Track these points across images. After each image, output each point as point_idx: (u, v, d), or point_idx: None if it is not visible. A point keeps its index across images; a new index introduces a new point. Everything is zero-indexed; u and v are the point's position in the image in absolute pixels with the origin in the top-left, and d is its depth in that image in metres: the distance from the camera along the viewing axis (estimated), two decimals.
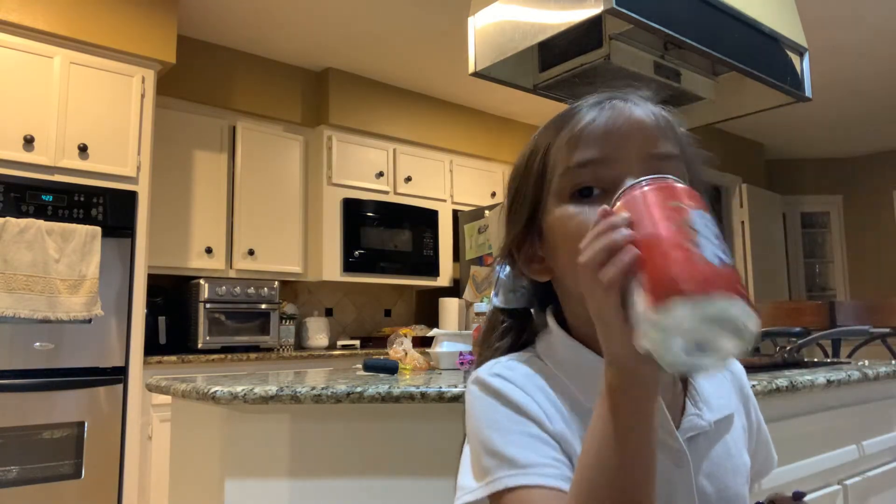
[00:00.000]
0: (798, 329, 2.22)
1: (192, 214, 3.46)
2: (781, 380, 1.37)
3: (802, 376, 1.44)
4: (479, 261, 3.47)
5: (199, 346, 3.26)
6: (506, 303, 0.71)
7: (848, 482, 1.59)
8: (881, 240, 5.94)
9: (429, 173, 4.38)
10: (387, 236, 4.08)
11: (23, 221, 2.55)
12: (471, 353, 1.79)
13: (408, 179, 4.24)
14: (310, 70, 4.03)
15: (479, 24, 2.09)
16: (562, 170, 0.61)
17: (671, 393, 0.63)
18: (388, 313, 4.53)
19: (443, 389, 1.25)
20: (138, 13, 2.98)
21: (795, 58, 2.23)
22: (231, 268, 3.57)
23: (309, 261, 3.89)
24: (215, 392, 1.27)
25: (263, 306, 3.50)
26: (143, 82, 2.97)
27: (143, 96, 2.96)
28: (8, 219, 2.52)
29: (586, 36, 2.05)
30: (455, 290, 4.07)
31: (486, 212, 3.50)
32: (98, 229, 2.72)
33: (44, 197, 2.66)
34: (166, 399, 2.13)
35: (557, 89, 2.29)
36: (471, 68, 2.10)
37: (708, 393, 0.66)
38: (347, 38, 3.64)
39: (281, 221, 3.79)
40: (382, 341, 3.72)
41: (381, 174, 4.13)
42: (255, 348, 3.45)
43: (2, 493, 2.44)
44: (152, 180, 2.99)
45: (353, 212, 3.94)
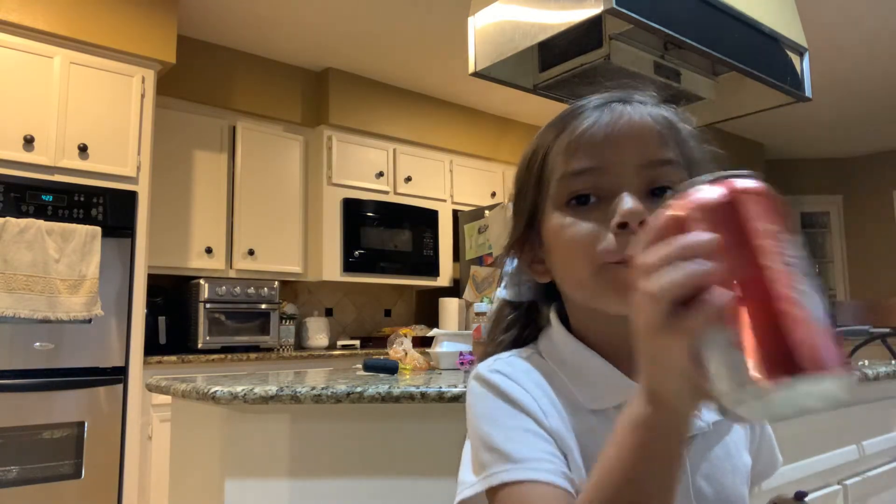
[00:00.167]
0: None
1: (192, 214, 3.46)
2: None
3: None
4: (479, 261, 3.47)
5: (199, 346, 3.26)
6: (512, 296, 0.71)
7: (848, 482, 1.59)
8: (881, 240, 5.94)
9: (429, 173, 4.38)
10: (387, 236, 4.08)
11: (23, 221, 2.55)
12: (471, 352, 1.80)
13: (408, 179, 4.24)
14: (310, 70, 4.03)
15: (479, 24, 2.09)
16: (559, 176, 0.60)
17: None
18: (388, 313, 4.53)
19: (443, 389, 1.25)
20: (138, 13, 2.98)
21: (795, 58, 2.23)
22: (231, 268, 3.57)
23: (309, 261, 3.88)
24: (215, 392, 1.27)
25: (263, 306, 3.50)
26: (143, 82, 2.97)
27: (143, 96, 2.96)
28: (8, 219, 2.52)
29: (586, 36, 2.05)
30: (455, 290, 4.07)
31: (486, 212, 3.50)
32: (98, 229, 2.71)
33: (44, 197, 2.66)
34: (166, 399, 2.13)
35: (557, 89, 2.29)
36: (471, 68, 2.10)
37: None
38: (347, 38, 3.63)
39: (281, 221, 3.79)
40: (382, 341, 3.72)
41: (381, 174, 4.13)
42: (255, 348, 3.45)
43: (2, 493, 2.44)
44: (152, 180, 2.99)
45: (353, 212, 3.94)
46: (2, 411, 2.48)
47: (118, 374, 2.77)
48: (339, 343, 3.93)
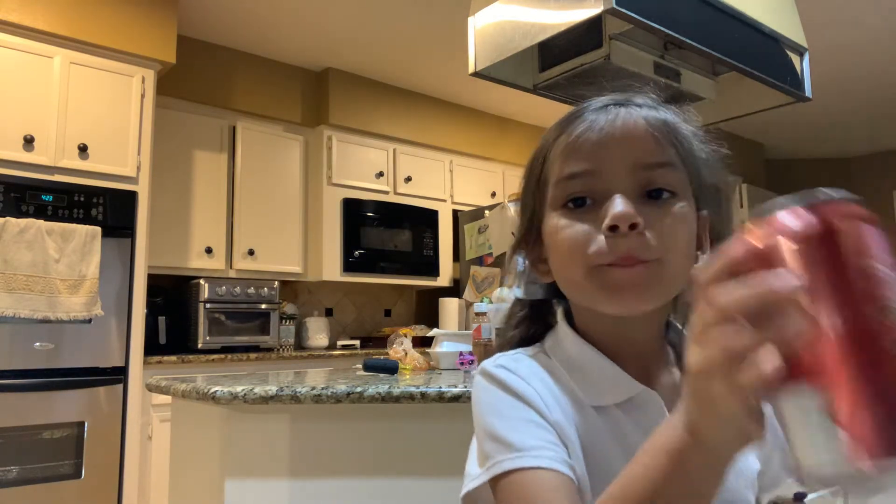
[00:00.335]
0: None
1: (192, 214, 3.46)
2: None
3: None
4: (479, 261, 3.47)
5: (199, 346, 3.26)
6: (524, 294, 0.73)
7: None
8: None
9: (429, 173, 4.38)
10: (387, 236, 4.08)
11: (23, 221, 2.55)
12: (471, 352, 1.80)
13: (408, 179, 4.24)
14: (310, 70, 4.03)
15: (479, 24, 2.09)
16: (556, 178, 0.61)
17: (672, 390, 0.63)
18: (388, 313, 4.53)
19: (443, 389, 1.25)
20: (138, 13, 2.98)
21: (795, 58, 2.23)
22: (231, 268, 3.57)
23: (309, 261, 3.88)
24: (215, 392, 1.27)
25: (263, 306, 3.50)
26: (143, 82, 2.97)
27: (143, 96, 2.96)
28: (8, 219, 2.52)
29: (586, 36, 2.05)
30: (455, 290, 4.07)
31: (486, 212, 3.50)
32: (98, 229, 2.71)
33: (44, 197, 2.66)
34: (166, 399, 2.13)
35: (557, 89, 2.29)
36: (471, 68, 2.10)
37: None
38: (347, 38, 3.63)
39: (281, 221, 3.79)
40: (382, 341, 3.72)
41: (381, 174, 4.13)
42: (255, 348, 3.45)
43: (2, 493, 2.44)
44: (152, 180, 2.99)
45: (353, 212, 3.94)
46: (2, 411, 2.48)
47: (118, 374, 2.77)
48: (339, 343, 3.93)
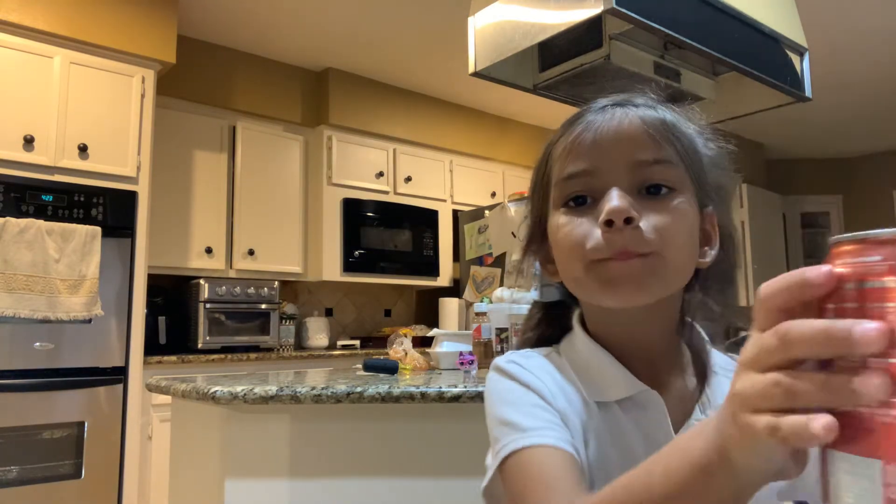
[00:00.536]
0: None
1: (192, 214, 3.46)
2: None
3: None
4: (479, 261, 3.47)
5: (199, 346, 3.26)
6: (541, 296, 0.74)
7: None
8: None
9: (429, 173, 4.38)
10: (387, 236, 4.08)
11: (23, 221, 2.55)
12: (471, 352, 1.80)
13: (408, 179, 4.24)
14: (310, 70, 4.03)
15: (479, 24, 2.09)
16: (556, 179, 0.63)
17: (681, 393, 0.62)
18: (388, 313, 4.53)
19: (443, 389, 1.25)
20: (138, 13, 2.98)
21: (795, 58, 2.23)
22: (231, 268, 3.57)
23: (309, 261, 3.88)
24: (215, 392, 1.27)
25: (263, 306, 3.50)
26: (143, 82, 2.97)
27: (143, 96, 2.96)
28: (8, 219, 2.52)
29: (586, 36, 2.05)
30: (455, 290, 4.07)
31: (486, 212, 3.50)
32: (98, 229, 2.71)
33: (44, 197, 2.66)
34: (166, 399, 2.13)
35: (557, 89, 2.29)
36: (471, 68, 2.10)
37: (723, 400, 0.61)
38: (347, 38, 3.63)
39: (281, 221, 3.79)
40: (382, 341, 3.72)
41: (381, 174, 4.13)
42: (255, 348, 3.45)
43: (2, 493, 2.44)
44: (152, 180, 2.99)
45: (353, 212, 3.94)
46: (2, 411, 2.48)
47: (118, 374, 2.77)
48: (339, 343, 3.93)
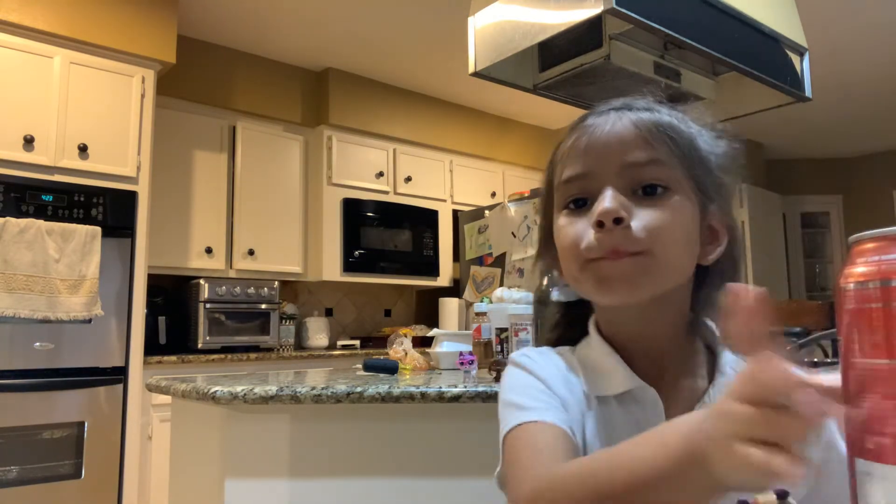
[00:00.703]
0: (798, 329, 2.22)
1: (192, 214, 3.46)
2: None
3: None
4: (479, 261, 3.47)
5: (199, 346, 3.26)
6: (561, 297, 0.75)
7: None
8: None
9: (429, 173, 4.37)
10: (387, 236, 4.08)
11: (23, 221, 2.55)
12: (471, 353, 1.79)
13: (408, 179, 4.24)
14: (310, 70, 4.03)
15: (479, 24, 2.09)
16: (557, 183, 0.66)
17: (689, 392, 0.62)
18: (388, 313, 4.53)
19: (443, 389, 1.25)
20: (138, 13, 2.98)
21: (795, 58, 2.23)
22: (231, 268, 3.57)
23: (309, 261, 3.88)
24: (215, 392, 1.27)
25: (263, 306, 3.50)
26: (143, 82, 2.97)
27: (143, 96, 2.96)
28: (8, 219, 2.52)
29: (586, 36, 2.05)
30: (455, 290, 4.07)
31: (486, 212, 3.50)
32: (98, 229, 2.71)
33: (44, 197, 2.66)
34: (166, 399, 2.13)
35: (557, 89, 2.29)
36: (471, 68, 2.10)
37: None
38: (347, 38, 3.63)
39: (281, 221, 3.79)
40: (382, 341, 3.72)
41: (381, 174, 4.13)
42: (255, 348, 3.45)
43: (2, 493, 2.44)
44: (152, 180, 2.99)
45: (353, 212, 3.94)
46: (2, 411, 2.48)
47: (118, 374, 2.77)
48: (339, 343, 3.93)
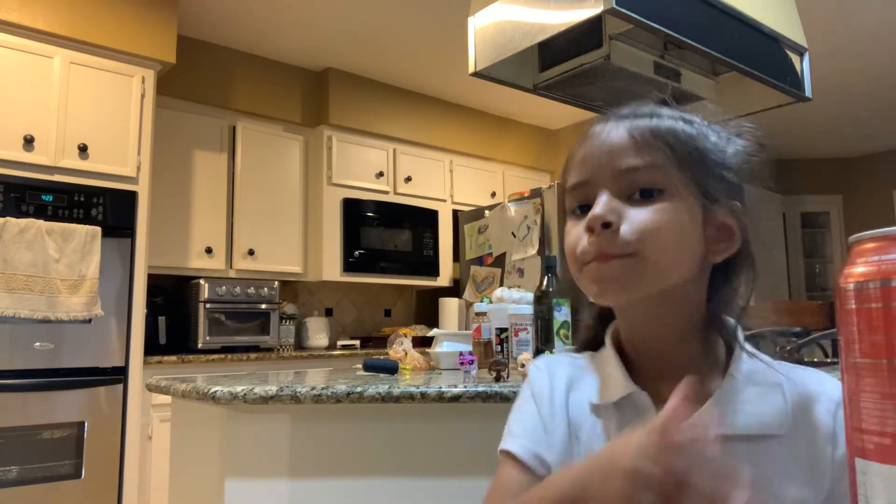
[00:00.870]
0: (798, 329, 2.21)
1: (192, 214, 3.46)
2: None
3: None
4: (479, 261, 3.47)
5: (199, 346, 3.26)
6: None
7: None
8: None
9: (429, 173, 4.37)
10: (387, 236, 4.08)
11: (23, 221, 2.55)
12: (471, 353, 1.79)
13: (408, 179, 4.24)
14: (310, 70, 4.03)
15: (479, 24, 2.09)
16: (564, 190, 0.69)
17: (695, 396, 0.61)
18: (388, 313, 4.53)
19: (443, 389, 1.25)
20: (138, 13, 2.98)
21: (795, 58, 2.23)
22: (231, 268, 3.57)
23: (309, 261, 3.88)
24: (215, 392, 1.27)
25: (263, 306, 3.50)
26: (143, 82, 2.97)
27: (143, 96, 2.96)
28: (8, 219, 2.52)
29: (586, 36, 2.05)
30: (455, 290, 4.07)
31: (486, 212, 3.50)
32: (98, 229, 2.71)
33: (44, 197, 2.66)
34: (166, 399, 2.13)
35: (557, 89, 2.29)
36: (471, 68, 2.10)
37: (742, 407, 0.61)
38: (347, 38, 3.63)
39: (281, 221, 3.79)
40: (382, 341, 3.72)
41: (381, 174, 4.13)
42: (255, 348, 3.45)
43: (2, 493, 2.44)
44: (152, 180, 2.99)
45: (353, 212, 3.94)
46: (2, 411, 2.48)
47: (118, 374, 2.77)
48: (339, 343, 3.93)
